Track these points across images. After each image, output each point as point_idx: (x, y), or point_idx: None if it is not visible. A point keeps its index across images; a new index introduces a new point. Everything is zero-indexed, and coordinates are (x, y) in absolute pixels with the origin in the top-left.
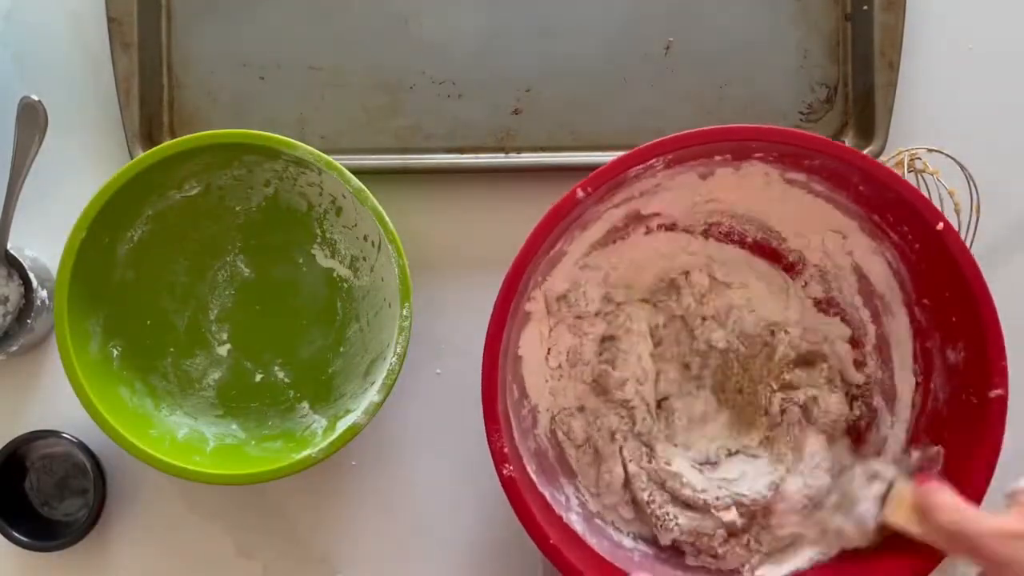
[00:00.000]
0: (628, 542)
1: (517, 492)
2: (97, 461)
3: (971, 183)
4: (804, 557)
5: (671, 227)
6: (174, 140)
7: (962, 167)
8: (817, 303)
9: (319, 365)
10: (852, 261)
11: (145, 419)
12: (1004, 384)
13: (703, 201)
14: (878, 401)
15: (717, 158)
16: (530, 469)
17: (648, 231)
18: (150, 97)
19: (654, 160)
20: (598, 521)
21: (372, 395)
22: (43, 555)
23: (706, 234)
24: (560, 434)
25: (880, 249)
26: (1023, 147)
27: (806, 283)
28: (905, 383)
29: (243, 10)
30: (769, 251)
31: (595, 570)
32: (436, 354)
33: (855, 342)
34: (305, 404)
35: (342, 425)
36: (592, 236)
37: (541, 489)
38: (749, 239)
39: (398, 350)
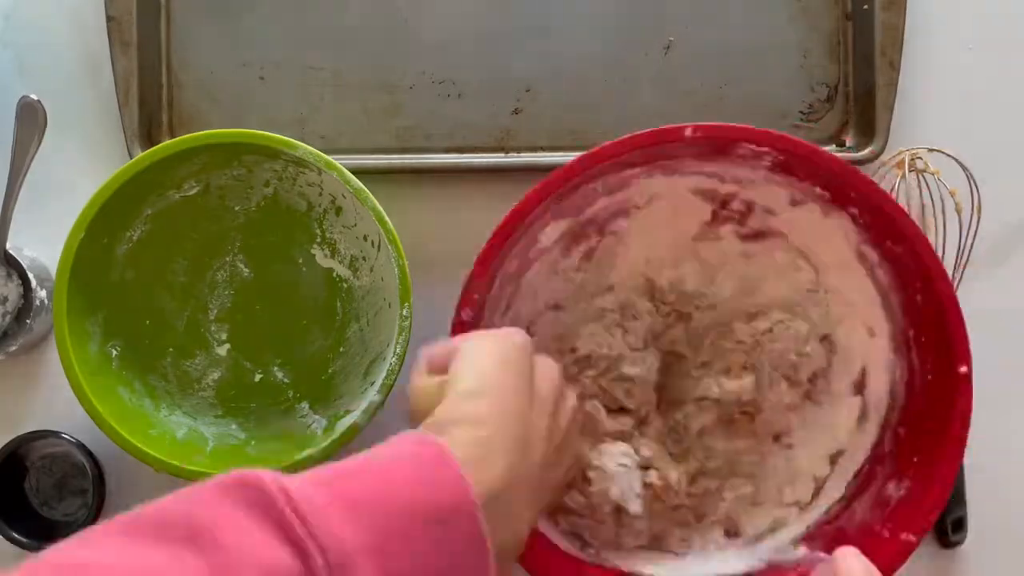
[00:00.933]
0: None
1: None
2: (97, 461)
3: (972, 183)
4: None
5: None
6: (173, 140)
7: (963, 166)
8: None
9: (319, 365)
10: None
11: (145, 419)
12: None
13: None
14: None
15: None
16: None
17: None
18: (149, 97)
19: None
20: None
21: (372, 395)
22: None
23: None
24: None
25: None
26: (1023, 147)
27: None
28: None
29: (243, 10)
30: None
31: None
32: None
33: None
34: (305, 404)
35: (342, 425)
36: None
37: None
38: None
39: (398, 350)
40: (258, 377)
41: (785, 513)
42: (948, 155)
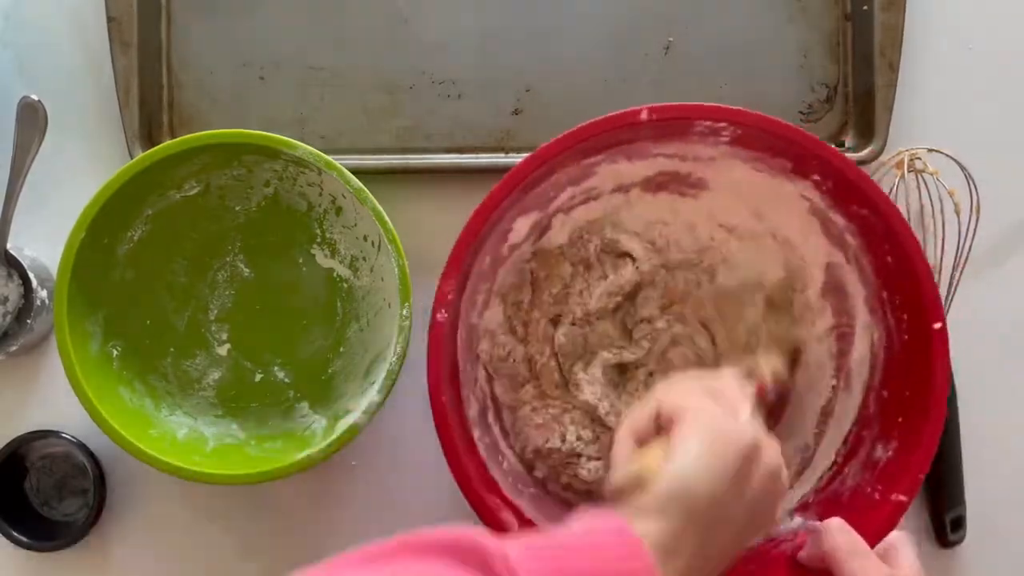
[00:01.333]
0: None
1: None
2: (97, 461)
3: (971, 183)
4: None
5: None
6: (174, 140)
7: (962, 167)
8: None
9: (319, 365)
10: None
11: (145, 419)
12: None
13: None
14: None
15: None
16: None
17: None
18: (150, 97)
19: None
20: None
21: (372, 395)
22: (43, 555)
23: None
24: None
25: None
26: (1023, 147)
27: None
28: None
29: (243, 10)
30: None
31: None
32: None
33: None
34: (305, 404)
35: (342, 425)
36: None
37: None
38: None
39: (398, 350)
40: (258, 377)
41: None
42: (947, 155)
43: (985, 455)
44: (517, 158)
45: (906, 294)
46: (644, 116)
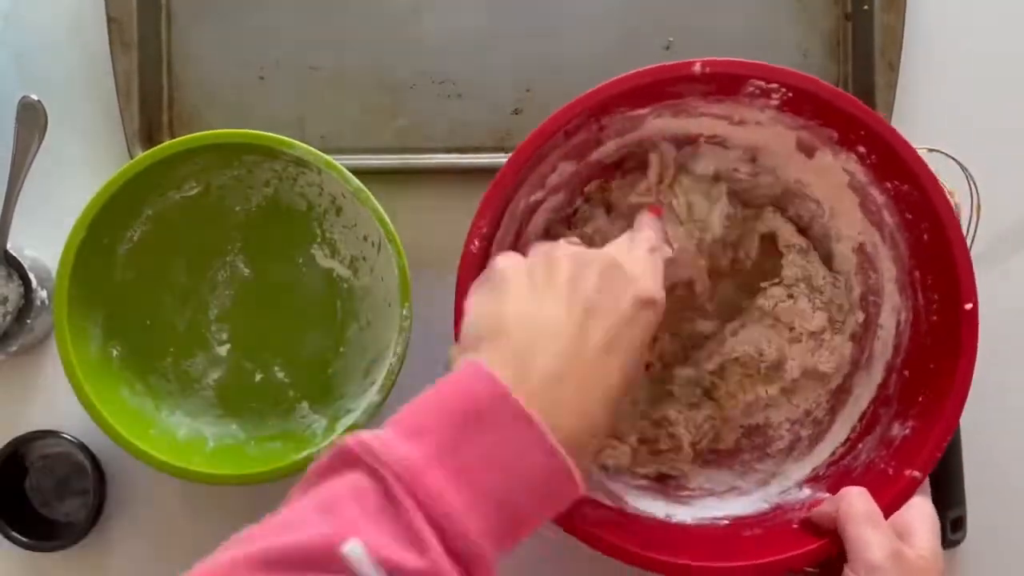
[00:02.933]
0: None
1: None
2: (97, 461)
3: (971, 183)
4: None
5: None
6: (174, 140)
7: (962, 167)
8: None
9: (319, 365)
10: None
11: (145, 419)
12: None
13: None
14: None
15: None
16: None
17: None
18: (150, 97)
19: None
20: None
21: (372, 395)
22: (43, 555)
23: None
24: None
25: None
26: (1023, 147)
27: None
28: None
29: (243, 10)
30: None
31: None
32: (436, 354)
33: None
34: (305, 404)
35: (342, 425)
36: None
37: None
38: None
39: (398, 350)
40: (258, 377)
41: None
42: (947, 155)
43: (985, 455)
44: None
45: (939, 274)
46: (697, 69)
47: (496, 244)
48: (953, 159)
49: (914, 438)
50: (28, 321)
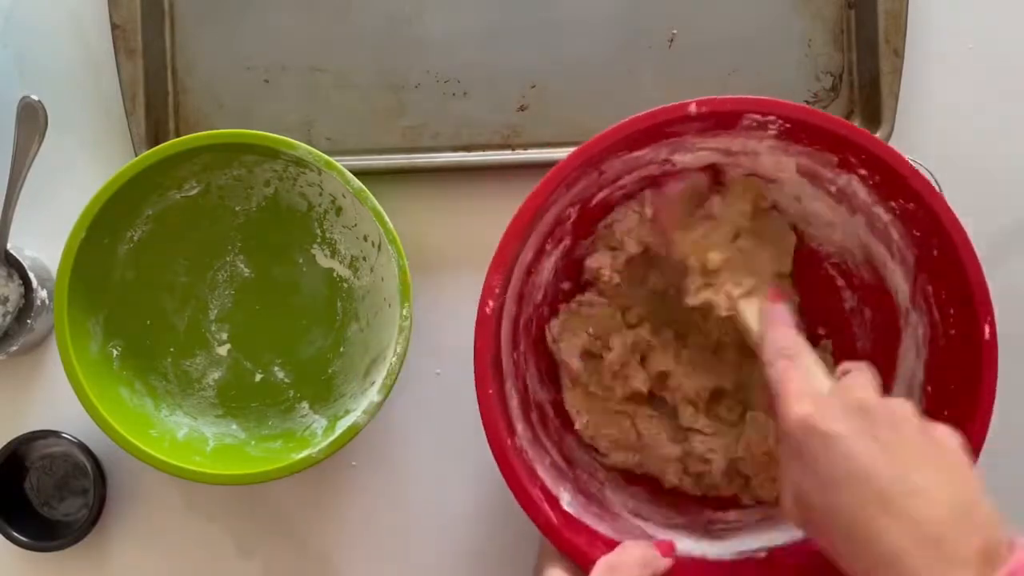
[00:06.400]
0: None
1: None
2: (97, 461)
3: (938, 186)
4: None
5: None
6: (174, 140)
7: (930, 173)
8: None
9: (319, 365)
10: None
11: (145, 419)
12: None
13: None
14: None
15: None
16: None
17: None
18: (156, 103)
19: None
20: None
21: (372, 395)
22: (43, 555)
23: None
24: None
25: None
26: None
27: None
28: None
29: (246, 13)
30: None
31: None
32: (436, 354)
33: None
34: (305, 404)
35: (342, 425)
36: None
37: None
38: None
39: (398, 350)
40: (258, 377)
41: None
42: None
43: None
44: (524, 155)
45: (953, 288)
46: (693, 110)
47: (510, 300)
48: (920, 164)
49: None
50: (28, 321)
